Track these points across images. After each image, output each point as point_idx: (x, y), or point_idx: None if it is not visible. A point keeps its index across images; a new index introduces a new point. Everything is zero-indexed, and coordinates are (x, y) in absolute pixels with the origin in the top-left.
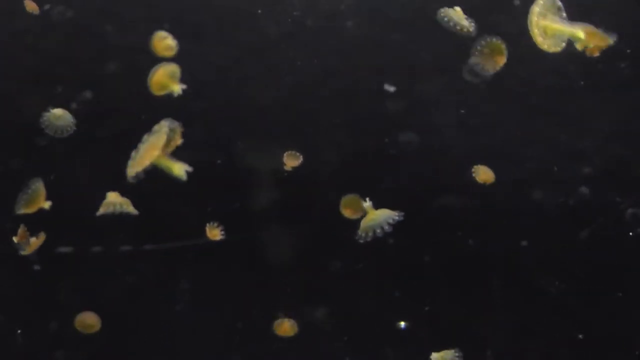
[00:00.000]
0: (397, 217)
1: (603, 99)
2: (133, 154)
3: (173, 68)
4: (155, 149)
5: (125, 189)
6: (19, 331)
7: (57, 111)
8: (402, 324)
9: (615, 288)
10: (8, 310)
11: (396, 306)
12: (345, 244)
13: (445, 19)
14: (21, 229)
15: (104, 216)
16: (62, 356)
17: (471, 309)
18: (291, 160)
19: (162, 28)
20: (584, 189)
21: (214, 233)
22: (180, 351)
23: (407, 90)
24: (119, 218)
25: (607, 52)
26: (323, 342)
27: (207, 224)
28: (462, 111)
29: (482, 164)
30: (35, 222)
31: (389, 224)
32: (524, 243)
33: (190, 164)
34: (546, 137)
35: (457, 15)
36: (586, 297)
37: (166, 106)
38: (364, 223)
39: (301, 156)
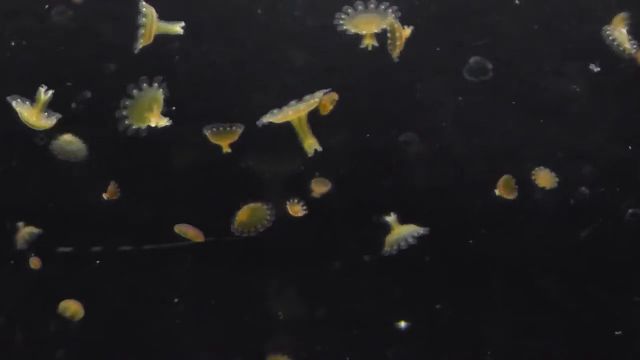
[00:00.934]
0: (421, 232)
1: (603, 99)
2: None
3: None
4: (300, 112)
5: (124, 189)
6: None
7: (67, 137)
8: (402, 324)
9: (615, 288)
10: (8, 310)
11: (396, 306)
12: (345, 244)
13: (611, 37)
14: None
15: (104, 216)
16: (62, 356)
17: (471, 309)
18: (319, 187)
19: None
20: (584, 189)
21: (296, 209)
22: (180, 351)
23: (407, 90)
24: (119, 218)
25: (607, 52)
26: (323, 342)
27: (288, 201)
28: (462, 111)
29: (482, 163)
30: (35, 222)
31: (413, 237)
32: (524, 243)
33: (190, 164)
34: (546, 137)
35: (621, 36)
36: (586, 297)
37: (166, 107)
38: (389, 238)
39: (330, 182)
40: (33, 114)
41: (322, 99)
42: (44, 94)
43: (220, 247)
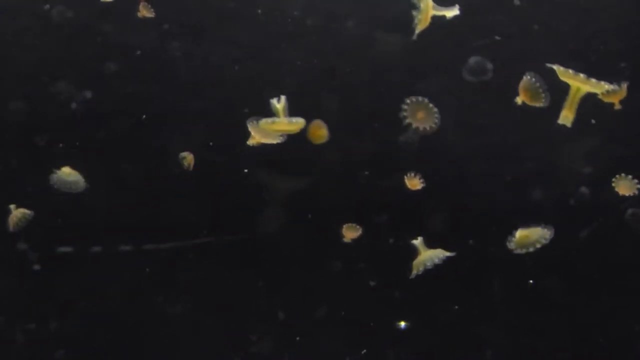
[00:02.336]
0: (448, 255)
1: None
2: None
3: None
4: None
5: (124, 189)
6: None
7: (66, 169)
8: (402, 324)
9: (615, 288)
10: (8, 310)
11: (396, 306)
12: (346, 244)
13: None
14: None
15: (104, 216)
16: (62, 356)
17: (471, 309)
18: (350, 232)
19: (162, 28)
20: (584, 189)
21: (414, 183)
22: (180, 351)
23: (407, 90)
24: (119, 218)
25: (607, 52)
26: (323, 342)
27: (407, 174)
28: (462, 111)
29: (481, 163)
30: (36, 222)
31: (439, 259)
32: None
33: (190, 164)
34: (546, 137)
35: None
36: (586, 297)
37: (166, 106)
38: (416, 262)
39: (360, 228)
40: (282, 123)
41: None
42: (279, 102)
43: (220, 247)
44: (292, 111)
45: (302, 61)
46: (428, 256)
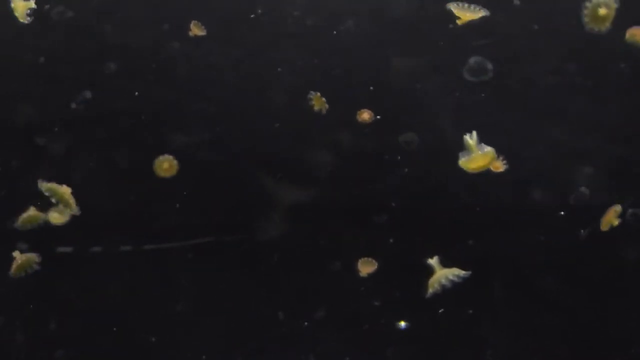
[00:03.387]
0: (463, 275)
1: (603, 99)
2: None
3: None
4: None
5: (123, 189)
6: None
7: (55, 215)
8: (402, 324)
9: (615, 288)
10: (8, 310)
11: (396, 306)
12: (345, 244)
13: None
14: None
15: (104, 216)
16: (62, 356)
17: (471, 309)
18: (366, 267)
19: (162, 28)
20: (584, 189)
21: (497, 165)
22: (180, 351)
23: (407, 90)
24: (119, 218)
25: (607, 52)
26: (323, 342)
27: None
28: (462, 111)
29: None
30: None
31: (456, 277)
32: (524, 243)
33: (190, 164)
34: (546, 137)
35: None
36: (586, 296)
37: (166, 106)
38: (432, 280)
39: (376, 262)
40: (478, 158)
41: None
42: (471, 138)
43: (220, 247)
44: (292, 111)
45: (302, 61)
46: (443, 274)
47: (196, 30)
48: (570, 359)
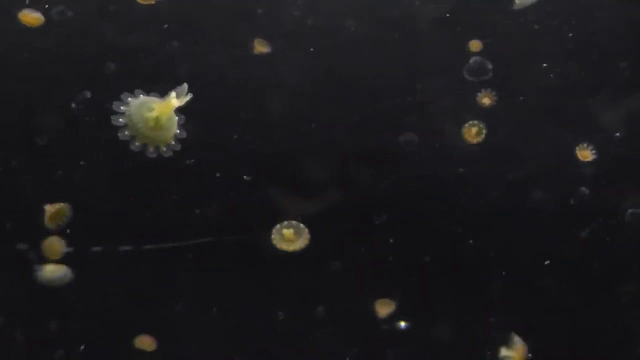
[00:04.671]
0: None
1: (603, 99)
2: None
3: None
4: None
5: (123, 189)
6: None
7: (50, 267)
8: (402, 324)
9: (615, 288)
10: (8, 310)
11: (396, 306)
12: (346, 244)
13: None
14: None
15: (104, 216)
16: (62, 356)
17: (471, 309)
18: (383, 308)
19: (162, 28)
20: (584, 189)
21: (585, 154)
22: (180, 351)
23: (407, 90)
24: (119, 218)
25: (607, 52)
26: (323, 342)
27: (578, 145)
28: (462, 111)
29: (482, 163)
30: (36, 222)
31: None
32: (524, 243)
33: (190, 164)
34: (546, 137)
35: None
36: (586, 296)
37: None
38: None
39: (393, 302)
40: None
41: None
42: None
43: (220, 247)
44: (292, 111)
45: (302, 61)
46: None
47: (260, 47)
48: (570, 359)
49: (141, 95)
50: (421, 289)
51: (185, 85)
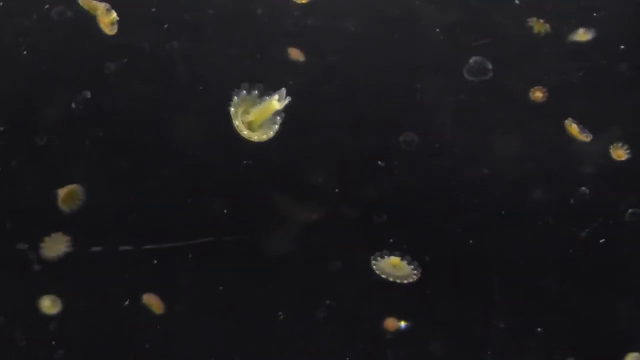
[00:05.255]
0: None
1: (603, 99)
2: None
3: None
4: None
5: (124, 189)
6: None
7: (46, 302)
8: (402, 324)
9: (615, 288)
10: (8, 310)
11: (396, 306)
12: (346, 244)
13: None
14: None
15: (104, 216)
16: (62, 356)
17: (471, 309)
18: (392, 324)
19: (162, 28)
20: (584, 189)
21: (619, 153)
22: (180, 351)
23: (407, 90)
24: (119, 218)
25: (607, 52)
26: (323, 342)
27: (612, 145)
28: (462, 111)
29: (482, 163)
30: (35, 223)
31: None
32: (524, 243)
33: (190, 164)
34: (546, 137)
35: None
36: (586, 296)
37: (166, 106)
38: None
39: (402, 322)
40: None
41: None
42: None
43: (220, 247)
44: (291, 111)
45: (302, 61)
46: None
47: (295, 54)
48: (570, 359)
49: (243, 92)
50: (421, 289)
51: (283, 90)
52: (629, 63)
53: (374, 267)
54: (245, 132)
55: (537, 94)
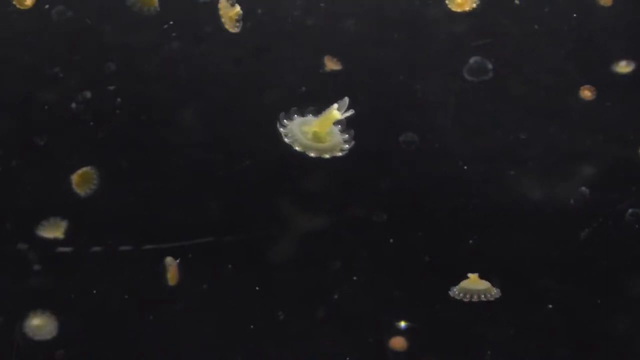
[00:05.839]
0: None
1: (603, 99)
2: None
3: None
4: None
5: (124, 189)
6: None
7: (36, 321)
8: (402, 324)
9: (615, 288)
10: (8, 310)
11: (396, 306)
12: (345, 244)
13: None
14: None
15: (104, 216)
16: (62, 356)
17: (471, 309)
18: (398, 343)
19: (162, 28)
20: (584, 189)
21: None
22: (180, 351)
23: (407, 90)
24: (119, 218)
25: (607, 52)
26: (323, 342)
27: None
28: (462, 111)
29: (482, 163)
30: (35, 222)
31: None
32: (524, 243)
33: (190, 164)
34: (546, 137)
35: None
36: (586, 297)
37: (166, 106)
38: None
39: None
40: None
41: None
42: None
43: (220, 247)
44: (292, 110)
45: (302, 61)
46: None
47: (331, 64)
48: (570, 358)
49: (296, 116)
50: (421, 289)
51: (346, 99)
52: (629, 63)
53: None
54: (313, 152)
55: (586, 93)
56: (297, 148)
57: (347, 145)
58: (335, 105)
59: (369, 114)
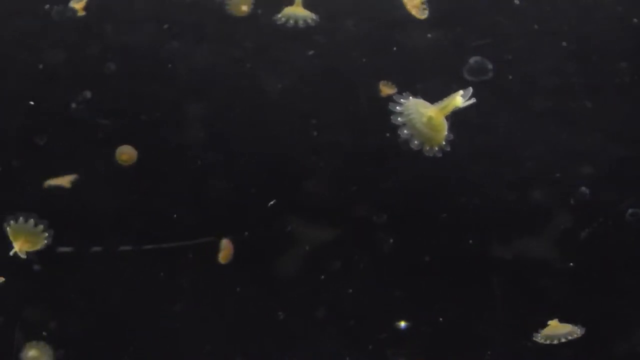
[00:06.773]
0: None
1: (603, 99)
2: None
3: None
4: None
5: (123, 189)
6: None
7: (33, 352)
8: (402, 324)
9: (615, 288)
10: (8, 310)
11: (396, 306)
12: (345, 244)
13: None
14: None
15: (104, 216)
16: (62, 356)
17: (471, 309)
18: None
19: (162, 28)
20: (584, 189)
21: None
22: (181, 351)
23: (407, 90)
24: (119, 218)
25: (607, 52)
26: (323, 342)
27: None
28: (462, 111)
29: (482, 163)
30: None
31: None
32: (524, 243)
33: (190, 164)
34: (546, 137)
35: None
36: (586, 296)
37: (166, 106)
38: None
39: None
40: None
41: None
42: None
43: (220, 247)
44: (291, 111)
45: (302, 61)
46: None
47: (386, 89)
48: (571, 359)
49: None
50: (421, 289)
51: (470, 89)
52: (629, 63)
53: None
54: (419, 140)
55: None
56: (405, 132)
57: (448, 148)
58: (461, 92)
59: (369, 114)
